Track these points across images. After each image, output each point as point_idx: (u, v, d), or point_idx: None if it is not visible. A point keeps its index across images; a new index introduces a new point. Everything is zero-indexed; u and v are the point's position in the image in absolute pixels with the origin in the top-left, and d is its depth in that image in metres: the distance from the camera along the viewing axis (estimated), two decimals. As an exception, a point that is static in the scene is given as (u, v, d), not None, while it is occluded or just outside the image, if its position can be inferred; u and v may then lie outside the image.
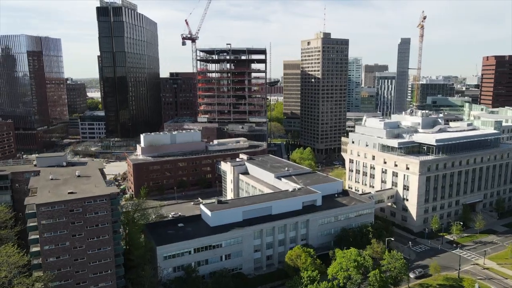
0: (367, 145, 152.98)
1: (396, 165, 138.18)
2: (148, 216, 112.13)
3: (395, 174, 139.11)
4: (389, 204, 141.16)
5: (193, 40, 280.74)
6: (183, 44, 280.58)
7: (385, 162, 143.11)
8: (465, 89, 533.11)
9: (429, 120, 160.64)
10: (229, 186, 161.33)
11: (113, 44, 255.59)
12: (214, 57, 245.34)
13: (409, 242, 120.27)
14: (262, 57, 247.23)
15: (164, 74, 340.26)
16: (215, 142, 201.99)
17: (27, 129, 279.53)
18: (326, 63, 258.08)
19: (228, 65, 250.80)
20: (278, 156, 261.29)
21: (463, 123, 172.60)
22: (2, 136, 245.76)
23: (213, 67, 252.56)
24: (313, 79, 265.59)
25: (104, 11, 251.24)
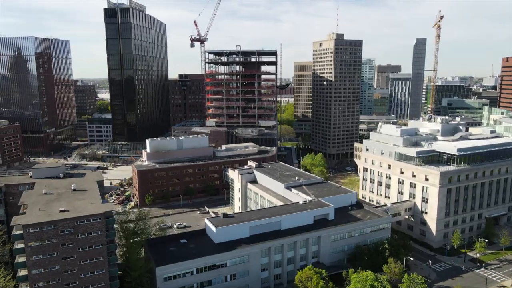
0: (383, 153, 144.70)
1: (414, 176, 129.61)
2: (150, 231, 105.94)
3: (413, 185, 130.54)
4: (406, 217, 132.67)
5: (202, 42, 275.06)
6: (192, 46, 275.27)
7: (402, 172, 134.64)
8: (482, 91, 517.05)
9: (449, 127, 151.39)
10: (237, 195, 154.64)
11: (121, 46, 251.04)
12: (223, 59, 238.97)
13: (429, 261, 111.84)
14: (273, 59, 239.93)
15: (174, 75, 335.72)
16: (223, 148, 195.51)
17: (35, 132, 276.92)
18: (339, 65, 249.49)
19: (238, 68, 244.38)
20: (289, 161, 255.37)
21: (486, 130, 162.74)
22: (9, 140, 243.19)
23: (222, 70, 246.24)
24: (325, 82, 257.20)
25: (112, 13, 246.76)
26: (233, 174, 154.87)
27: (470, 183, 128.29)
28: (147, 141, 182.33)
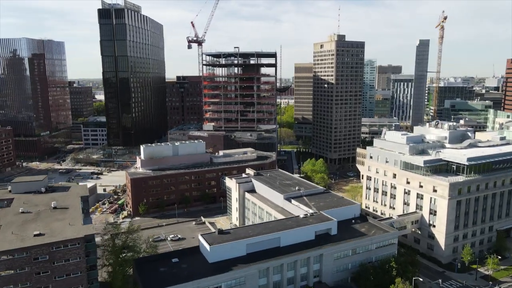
0: (387, 162, 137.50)
1: (421, 186, 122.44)
2: (140, 248, 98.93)
3: (420, 196, 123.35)
4: (413, 230, 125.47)
5: (200, 43, 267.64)
6: (189, 48, 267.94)
7: (408, 182, 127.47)
8: (485, 92, 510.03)
9: (457, 134, 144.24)
10: (234, 205, 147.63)
11: (115, 48, 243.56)
12: (221, 61, 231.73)
13: (439, 279, 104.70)
14: (272, 61, 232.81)
15: (174, 75, 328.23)
16: (221, 153, 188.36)
17: (28, 136, 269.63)
18: (340, 68, 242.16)
19: (236, 70, 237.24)
20: (289, 167, 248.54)
21: (494, 136, 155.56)
22: (1, 144, 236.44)
23: (220, 72, 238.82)
24: (326, 84, 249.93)
25: (106, 13, 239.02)
26: (231, 183, 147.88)
27: (481, 194, 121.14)
28: (141, 147, 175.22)
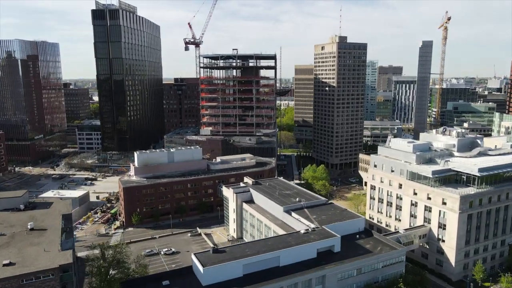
0: (393, 171, 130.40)
1: (430, 198, 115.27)
2: (128, 267, 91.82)
3: (428, 209, 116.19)
4: (420, 244, 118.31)
5: (197, 45, 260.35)
6: (186, 49, 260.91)
7: (415, 193, 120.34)
8: (488, 94, 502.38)
9: (466, 141, 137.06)
10: (232, 216, 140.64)
11: (110, 50, 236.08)
12: (219, 64, 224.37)
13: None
14: (272, 64, 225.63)
15: (173, 76, 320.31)
16: (218, 160, 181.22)
17: (21, 140, 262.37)
18: (342, 70, 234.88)
19: (235, 72, 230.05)
20: (289, 172, 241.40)
21: (505, 142, 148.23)
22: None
23: (218, 75, 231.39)
24: (327, 88, 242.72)
25: (100, 14, 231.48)
26: (228, 193, 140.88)
27: (493, 207, 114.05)
28: (135, 154, 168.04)
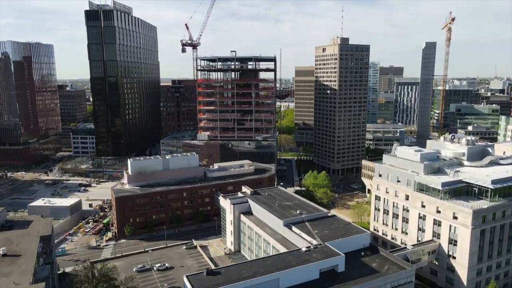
0: (399, 181, 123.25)
1: (439, 212, 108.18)
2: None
3: (438, 223, 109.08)
4: (430, 261, 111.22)
5: (194, 47, 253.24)
6: (183, 51, 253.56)
7: (424, 206, 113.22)
8: (490, 95, 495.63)
9: (476, 150, 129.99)
10: (229, 227, 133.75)
11: (104, 52, 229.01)
12: (217, 65, 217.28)
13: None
14: (271, 66, 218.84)
15: (173, 76, 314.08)
16: (215, 167, 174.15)
17: (13, 144, 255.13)
18: (344, 73, 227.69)
19: (233, 75, 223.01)
20: (289, 178, 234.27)
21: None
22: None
23: (216, 77, 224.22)
24: (329, 91, 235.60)
25: (94, 15, 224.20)
26: (225, 203, 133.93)
27: (507, 221, 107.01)
28: (129, 161, 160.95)
